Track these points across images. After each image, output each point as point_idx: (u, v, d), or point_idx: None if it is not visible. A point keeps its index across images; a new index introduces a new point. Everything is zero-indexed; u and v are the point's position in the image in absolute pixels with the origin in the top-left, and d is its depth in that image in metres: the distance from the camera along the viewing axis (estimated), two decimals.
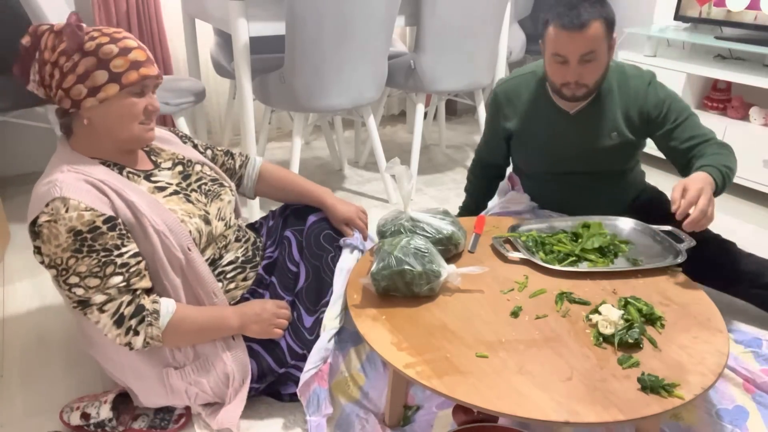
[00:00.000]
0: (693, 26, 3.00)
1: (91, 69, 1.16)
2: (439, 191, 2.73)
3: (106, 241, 1.16)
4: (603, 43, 1.45)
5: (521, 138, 1.72)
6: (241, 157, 1.60)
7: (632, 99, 1.58)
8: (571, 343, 1.14)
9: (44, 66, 1.18)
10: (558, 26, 1.43)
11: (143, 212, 1.21)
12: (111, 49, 1.16)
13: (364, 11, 2.15)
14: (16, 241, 2.20)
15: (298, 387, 1.31)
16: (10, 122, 2.52)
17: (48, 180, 1.17)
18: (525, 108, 1.69)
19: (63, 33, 1.16)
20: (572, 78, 1.48)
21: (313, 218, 1.55)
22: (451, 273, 1.28)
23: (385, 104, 3.63)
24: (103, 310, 1.16)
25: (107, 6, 2.63)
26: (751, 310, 1.81)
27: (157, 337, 1.21)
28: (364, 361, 1.43)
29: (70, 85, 1.16)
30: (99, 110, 1.19)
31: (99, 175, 1.20)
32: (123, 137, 1.24)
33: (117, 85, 1.17)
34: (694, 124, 1.56)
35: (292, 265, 1.48)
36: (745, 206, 2.58)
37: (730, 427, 1.33)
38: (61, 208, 1.13)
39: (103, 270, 1.15)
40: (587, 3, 1.42)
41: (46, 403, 1.44)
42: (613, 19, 1.46)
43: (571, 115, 1.62)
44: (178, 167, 1.39)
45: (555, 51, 1.47)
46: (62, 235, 1.12)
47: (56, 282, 1.18)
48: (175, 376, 1.29)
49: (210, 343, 1.30)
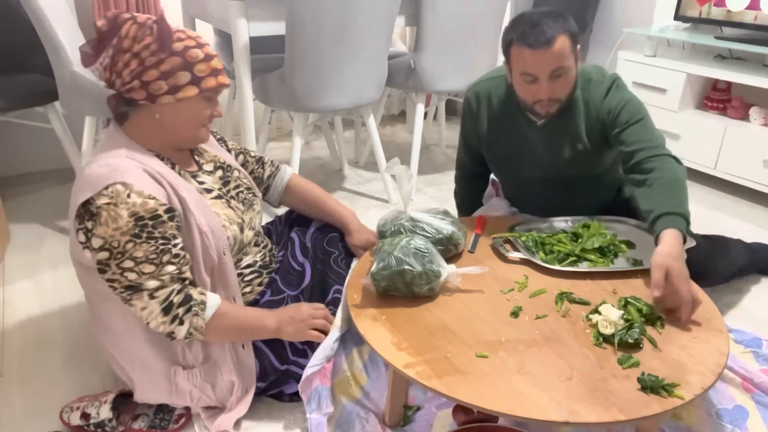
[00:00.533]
0: (693, 26, 3.00)
1: (176, 69, 1.19)
2: (439, 191, 2.73)
3: (165, 230, 1.18)
4: (570, 56, 1.43)
5: (492, 144, 1.70)
6: (271, 166, 1.60)
7: (593, 107, 1.55)
8: (571, 343, 1.14)
9: (122, 53, 1.18)
10: (523, 45, 1.40)
11: (192, 210, 1.24)
12: (197, 54, 1.20)
13: (364, 11, 2.15)
14: (16, 241, 2.20)
15: (299, 383, 1.31)
16: (10, 122, 2.52)
17: (106, 163, 1.17)
18: (495, 113, 1.66)
19: (147, 27, 1.18)
20: (545, 95, 1.46)
21: (318, 222, 1.58)
22: (451, 273, 1.28)
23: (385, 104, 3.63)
24: (154, 297, 1.17)
25: (107, 6, 2.63)
26: (751, 310, 1.81)
27: (200, 329, 1.22)
28: (366, 360, 1.43)
29: (151, 79, 1.18)
30: (173, 108, 1.22)
31: (156, 167, 1.22)
32: (185, 136, 1.28)
33: (196, 88, 1.21)
34: (642, 129, 1.49)
35: (295, 264, 1.49)
36: (745, 206, 2.58)
37: (730, 427, 1.33)
38: (122, 192, 1.14)
39: (160, 257, 1.17)
40: (549, 19, 1.40)
41: (46, 403, 1.44)
42: (575, 32, 1.43)
43: (538, 127, 1.59)
44: (219, 171, 1.41)
45: (523, 70, 1.44)
46: (123, 218, 1.13)
47: (103, 266, 1.16)
48: (182, 376, 1.30)
49: (220, 348, 1.31)
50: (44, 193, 2.61)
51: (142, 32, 1.18)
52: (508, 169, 1.75)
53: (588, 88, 1.55)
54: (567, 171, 1.64)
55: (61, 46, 2.03)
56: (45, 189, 2.65)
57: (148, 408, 1.39)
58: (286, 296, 1.43)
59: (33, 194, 2.60)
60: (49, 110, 2.31)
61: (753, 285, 1.93)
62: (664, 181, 1.38)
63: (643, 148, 1.45)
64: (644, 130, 1.48)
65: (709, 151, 2.69)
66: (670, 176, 1.39)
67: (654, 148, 1.44)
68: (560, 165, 1.63)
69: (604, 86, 1.54)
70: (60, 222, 2.35)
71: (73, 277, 1.96)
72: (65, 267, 2.03)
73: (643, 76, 2.87)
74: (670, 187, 1.37)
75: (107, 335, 1.32)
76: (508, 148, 1.67)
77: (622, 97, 1.52)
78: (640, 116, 1.50)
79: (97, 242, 1.15)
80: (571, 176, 1.65)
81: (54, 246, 2.17)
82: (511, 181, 1.80)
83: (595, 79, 1.55)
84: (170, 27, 1.19)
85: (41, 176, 2.77)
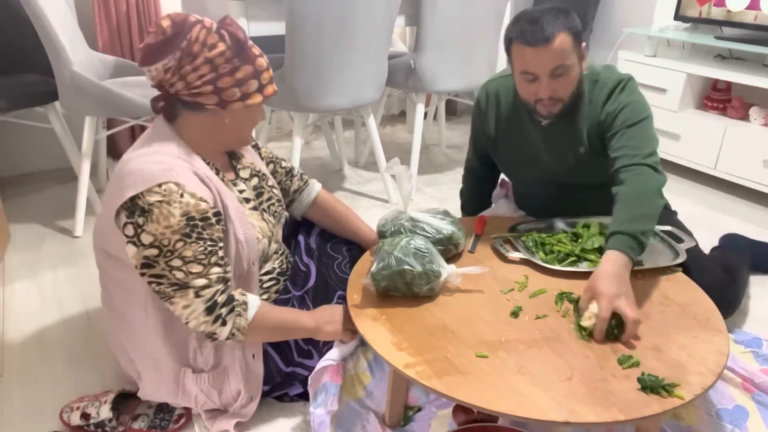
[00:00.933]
0: (693, 26, 3.00)
1: (248, 77, 1.21)
2: (439, 191, 2.73)
3: (212, 232, 1.19)
4: (572, 54, 1.39)
5: (499, 143, 1.68)
6: (300, 180, 1.58)
7: (596, 109, 1.51)
8: (571, 343, 1.14)
9: (192, 58, 1.17)
10: (522, 43, 1.37)
11: (232, 219, 1.25)
12: (262, 63, 1.23)
13: (364, 11, 2.15)
14: (16, 241, 2.20)
15: (309, 376, 1.32)
16: (10, 122, 2.52)
17: (159, 160, 1.17)
18: (503, 112, 1.64)
19: (216, 32, 1.18)
20: (546, 94, 1.42)
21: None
22: (451, 273, 1.28)
23: (385, 104, 3.63)
24: (199, 295, 1.17)
25: (107, 6, 2.63)
26: (751, 310, 1.81)
27: (243, 329, 1.22)
28: (371, 360, 1.44)
29: (226, 86, 1.19)
30: (240, 114, 1.24)
31: (205, 171, 1.23)
32: (241, 140, 1.32)
33: (261, 96, 1.24)
34: (631, 134, 1.42)
35: (301, 264, 1.50)
36: (745, 206, 2.58)
37: (730, 427, 1.33)
38: (175, 191, 1.14)
39: (208, 258, 1.18)
40: (549, 16, 1.36)
41: (46, 403, 1.44)
42: (578, 29, 1.39)
43: (543, 127, 1.57)
44: (254, 179, 1.41)
45: (524, 69, 1.41)
46: (175, 217, 1.13)
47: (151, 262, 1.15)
48: (190, 379, 1.30)
49: (230, 356, 1.30)
50: (44, 193, 2.61)
51: (212, 38, 1.17)
52: (514, 170, 1.74)
53: (594, 89, 1.51)
54: (571, 176, 1.61)
55: (61, 46, 2.02)
56: (45, 189, 2.65)
57: (148, 408, 1.39)
58: (292, 296, 1.43)
59: (33, 194, 2.61)
60: (49, 110, 2.31)
61: (753, 285, 1.93)
62: (627, 196, 1.33)
63: (622, 156, 1.41)
64: (632, 136, 1.42)
65: (709, 151, 2.69)
66: (634, 189, 1.34)
67: (633, 156, 1.39)
68: (563, 169, 1.60)
69: (608, 88, 1.49)
70: (60, 222, 2.35)
71: (73, 276, 1.97)
72: (65, 267, 2.03)
73: (643, 76, 2.87)
74: (630, 203, 1.32)
75: (123, 327, 1.32)
76: (515, 148, 1.66)
77: (623, 99, 1.46)
78: (634, 120, 1.44)
79: (147, 239, 1.14)
80: (575, 182, 1.62)
81: (54, 246, 2.17)
82: (517, 182, 1.79)
83: (601, 80, 1.50)
84: (245, 35, 1.20)
85: (41, 176, 2.77)
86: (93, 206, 2.38)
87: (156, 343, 1.28)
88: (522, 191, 1.80)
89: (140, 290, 1.25)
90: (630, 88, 1.48)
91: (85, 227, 2.25)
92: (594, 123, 1.51)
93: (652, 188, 1.34)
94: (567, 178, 1.62)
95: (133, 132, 2.92)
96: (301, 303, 1.43)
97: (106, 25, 2.67)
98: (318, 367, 1.32)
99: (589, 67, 1.53)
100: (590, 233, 1.47)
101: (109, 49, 2.68)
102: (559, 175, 1.62)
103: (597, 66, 1.54)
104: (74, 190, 2.26)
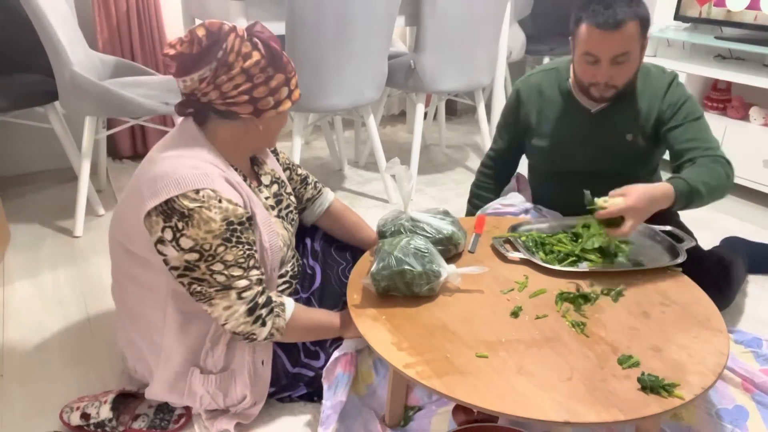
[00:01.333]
0: (693, 26, 3.00)
1: (280, 84, 1.21)
2: (439, 191, 2.73)
3: (248, 236, 1.20)
4: (636, 43, 1.41)
5: (538, 134, 1.70)
6: (314, 189, 1.58)
7: (652, 100, 1.54)
8: (571, 343, 1.14)
9: (228, 68, 1.15)
10: (592, 25, 1.38)
11: (259, 226, 1.26)
12: (291, 69, 1.23)
13: (364, 11, 2.15)
14: (16, 241, 2.20)
15: (323, 370, 1.32)
16: (10, 122, 2.52)
17: (194, 165, 1.17)
18: (546, 104, 1.67)
19: (249, 41, 1.17)
20: (602, 79, 1.45)
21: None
22: (451, 273, 1.28)
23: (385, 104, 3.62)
24: (242, 297, 1.19)
25: (107, 6, 2.63)
26: (751, 310, 1.81)
27: (281, 329, 1.24)
28: (375, 359, 1.43)
29: (261, 96, 1.19)
30: (272, 120, 1.25)
31: (234, 177, 1.24)
32: (268, 144, 1.34)
33: (290, 102, 1.25)
34: (698, 128, 1.50)
35: (307, 267, 1.50)
36: (745, 206, 2.58)
37: (730, 427, 1.33)
38: (213, 197, 1.15)
39: (247, 261, 1.19)
40: (623, 2, 1.37)
41: (46, 403, 1.44)
42: (648, 19, 1.41)
43: (591, 114, 1.60)
44: (274, 186, 1.41)
45: (587, 50, 1.42)
46: (216, 222, 1.14)
47: (192, 266, 1.15)
48: (198, 379, 1.30)
49: (240, 360, 1.30)
50: (44, 193, 2.61)
51: (247, 47, 1.16)
52: (551, 159, 1.73)
53: (648, 81, 1.54)
54: (610, 163, 1.63)
55: (61, 46, 2.02)
56: (45, 189, 2.66)
57: (148, 408, 1.39)
58: (299, 298, 1.44)
59: (33, 194, 2.61)
60: (49, 110, 2.31)
61: (753, 285, 1.93)
62: (700, 166, 1.42)
63: (696, 147, 1.46)
64: (701, 130, 1.49)
65: None
66: (709, 166, 1.41)
67: (706, 149, 1.45)
68: (605, 156, 1.62)
69: (666, 80, 1.53)
70: (60, 222, 2.35)
71: (73, 276, 1.97)
72: (65, 267, 2.03)
73: None
74: (700, 168, 1.40)
75: (138, 325, 1.32)
76: (557, 137, 1.67)
77: (683, 93, 1.53)
78: (697, 115, 1.50)
79: (188, 243, 1.14)
80: (611, 172, 1.62)
81: (54, 246, 2.17)
82: (547, 173, 1.78)
83: (654, 73, 1.55)
84: (278, 43, 1.20)
85: (41, 176, 2.77)
86: (93, 206, 2.38)
87: (171, 343, 1.28)
88: (548, 182, 1.79)
89: (161, 290, 1.25)
90: (683, 84, 1.55)
91: (85, 227, 2.25)
92: (652, 111, 1.54)
93: (723, 173, 1.42)
94: (609, 166, 1.64)
95: (133, 132, 2.92)
96: (307, 304, 1.43)
97: (106, 25, 2.67)
98: (333, 358, 1.33)
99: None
100: (590, 233, 1.47)
101: (109, 49, 2.68)
102: (597, 162, 1.64)
103: (646, 62, 1.56)
104: (74, 190, 2.26)
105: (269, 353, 1.33)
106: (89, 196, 2.31)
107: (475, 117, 3.81)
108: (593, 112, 1.59)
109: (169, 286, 1.24)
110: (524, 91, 1.70)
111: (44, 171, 2.81)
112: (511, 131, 1.78)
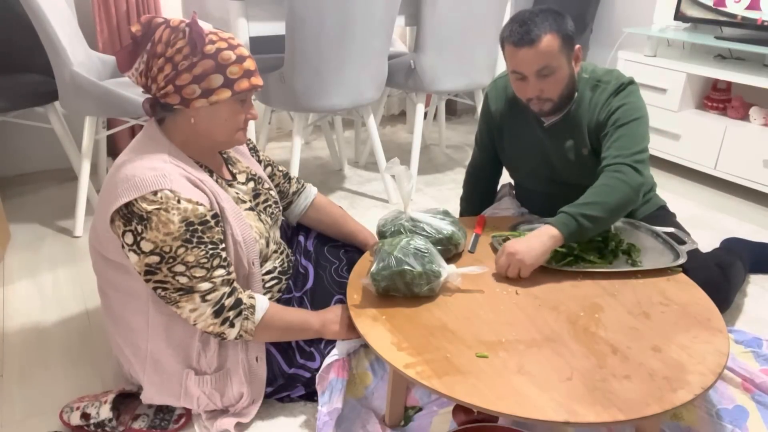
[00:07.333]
0: (693, 26, 3.00)
1: (208, 72, 1.17)
2: (439, 191, 2.73)
3: (213, 235, 1.19)
4: (559, 56, 1.42)
5: (506, 139, 1.70)
6: (297, 184, 1.59)
7: (597, 110, 1.52)
8: (571, 343, 1.14)
9: (155, 59, 1.17)
10: (510, 44, 1.43)
11: (229, 220, 1.25)
12: (229, 56, 1.18)
13: (364, 11, 2.15)
14: (16, 241, 2.20)
15: (317, 376, 1.32)
16: (10, 122, 2.52)
17: (152, 167, 1.16)
18: (508, 110, 1.67)
19: (180, 30, 1.17)
20: (533, 93, 1.47)
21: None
22: (451, 273, 1.28)
23: (385, 104, 3.63)
24: (206, 299, 1.18)
25: (107, 6, 2.63)
26: (751, 310, 1.81)
27: (250, 331, 1.24)
28: (372, 360, 1.43)
29: (184, 83, 1.17)
30: (206, 111, 1.21)
31: (197, 174, 1.22)
32: (222, 140, 1.27)
33: (229, 91, 1.19)
34: (620, 134, 1.45)
35: (300, 267, 1.50)
36: (745, 206, 2.58)
37: (730, 427, 1.33)
38: (171, 198, 1.14)
39: (210, 262, 1.18)
40: (538, 18, 1.40)
41: (46, 403, 1.44)
42: (567, 31, 1.42)
43: (545, 127, 1.59)
44: (251, 183, 1.41)
45: (513, 68, 1.46)
46: (174, 224, 1.13)
47: (153, 269, 1.15)
48: (193, 381, 1.29)
49: (234, 359, 1.31)
50: (44, 193, 2.61)
51: (175, 36, 1.17)
52: (517, 169, 1.75)
53: (596, 92, 1.53)
54: (573, 176, 1.62)
55: (61, 46, 2.02)
56: (45, 189, 2.66)
57: (148, 408, 1.39)
58: (292, 297, 1.44)
59: (33, 194, 2.61)
60: (49, 110, 2.31)
61: (753, 285, 1.93)
62: (592, 188, 1.41)
63: (607, 156, 1.45)
64: (621, 136, 1.45)
65: (709, 151, 2.69)
66: (600, 183, 1.41)
67: (616, 156, 1.43)
68: (566, 170, 1.62)
69: (608, 91, 1.51)
70: (60, 222, 2.35)
71: (73, 276, 1.97)
72: (65, 267, 2.03)
73: (643, 76, 2.87)
74: (589, 192, 1.40)
75: (123, 331, 1.32)
76: (520, 145, 1.67)
77: (620, 101, 1.49)
78: (625, 120, 1.46)
79: (148, 246, 1.14)
80: (578, 182, 1.60)
81: (54, 246, 2.17)
82: (520, 182, 1.80)
83: (603, 83, 1.53)
84: (202, 29, 1.18)
85: (41, 176, 2.77)
86: (93, 206, 2.38)
87: (159, 346, 1.28)
88: (523, 191, 1.80)
89: (141, 294, 1.24)
90: (629, 90, 1.51)
91: (85, 227, 2.25)
92: (593, 124, 1.54)
93: (621, 185, 1.39)
94: (570, 178, 1.63)
95: (133, 132, 2.92)
96: (300, 304, 1.43)
97: (106, 25, 2.67)
98: (325, 364, 1.32)
99: (593, 70, 1.56)
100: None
101: (109, 49, 2.68)
102: (562, 174, 1.64)
103: (600, 69, 1.57)
104: (74, 190, 2.27)
105: (262, 349, 1.34)
106: (89, 196, 2.31)
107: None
108: (546, 126, 1.59)
109: (148, 290, 1.24)
110: (492, 94, 1.71)
111: (44, 171, 2.81)
112: (486, 133, 1.75)
